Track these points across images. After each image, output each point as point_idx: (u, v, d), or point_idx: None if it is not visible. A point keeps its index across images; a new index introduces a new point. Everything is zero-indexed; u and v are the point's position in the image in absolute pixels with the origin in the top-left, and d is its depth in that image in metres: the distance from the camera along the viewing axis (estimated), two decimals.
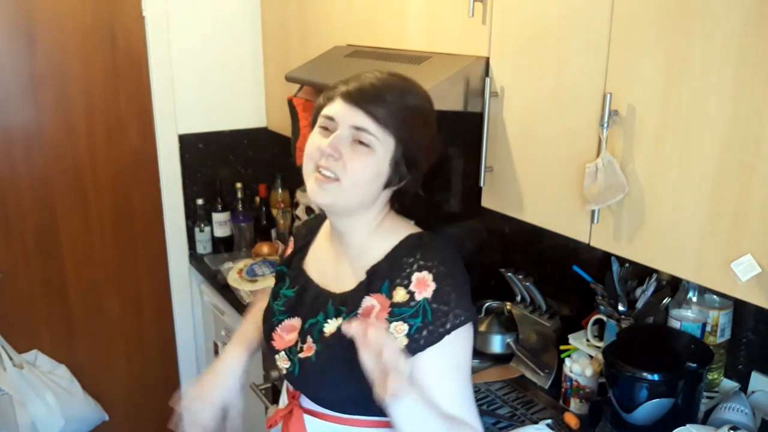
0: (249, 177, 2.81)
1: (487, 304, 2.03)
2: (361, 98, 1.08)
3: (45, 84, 2.40)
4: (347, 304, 1.15)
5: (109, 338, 2.72)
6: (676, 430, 1.33)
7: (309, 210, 2.51)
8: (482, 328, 1.94)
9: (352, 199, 1.11)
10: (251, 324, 1.41)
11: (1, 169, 2.40)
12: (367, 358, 0.95)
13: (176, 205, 2.71)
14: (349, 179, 1.08)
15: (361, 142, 1.08)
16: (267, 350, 1.30)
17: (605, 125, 1.25)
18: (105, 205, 2.60)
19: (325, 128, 1.12)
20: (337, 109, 1.10)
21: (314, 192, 1.11)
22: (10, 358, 2.27)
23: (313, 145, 1.12)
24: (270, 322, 1.28)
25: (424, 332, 1.07)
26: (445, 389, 1.08)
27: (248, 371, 1.35)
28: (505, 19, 1.47)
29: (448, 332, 1.07)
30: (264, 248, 2.59)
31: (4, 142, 2.39)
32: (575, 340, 1.74)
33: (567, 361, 1.68)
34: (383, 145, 1.09)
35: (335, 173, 1.09)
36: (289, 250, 1.36)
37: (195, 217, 2.73)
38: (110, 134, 2.55)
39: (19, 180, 2.43)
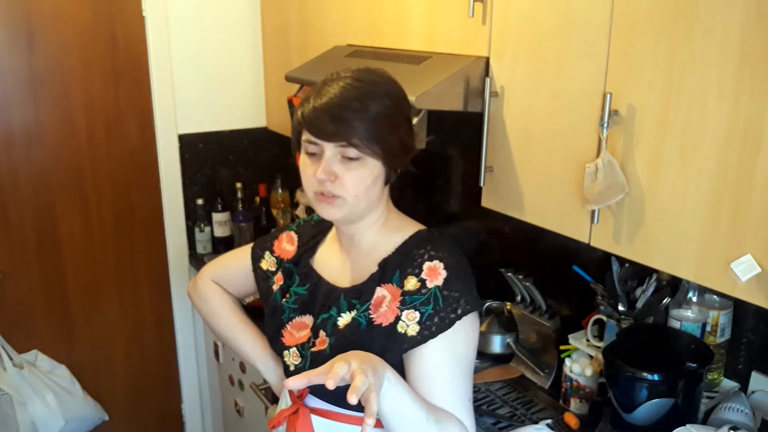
0: (249, 177, 2.81)
1: (487, 304, 2.02)
2: (324, 132, 1.09)
3: (45, 84, 2.40)
4: (360, 295, 1.18)
5: (109, 338, 2.72)
6: (676, 430, 1.33)
7: (309, 210, 2.51)
8: (482, 328, 1.94)
9: (360, 207, 1.15)
10: (250, 325, 1.44)
11: (1, 169, 2.40)
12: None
13: (176, 205, 2.71)
14: (351, 194, 1.12)
15: (349, 157, 1.11)
16: (273, 347, 1.31)
17: (605, 125, 1.25)
18: (105, 205, 2.60)
19: (312, 153, 1.14)
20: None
21: (325, 211, 1.15)
22: (10, 358, 2.27)
23: (308, 174, 1.15)
24: (278, 320, 1.29)
25: (435, 319, 1.10)
26: (441, 383, 1.10)
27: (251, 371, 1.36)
28: (505, 19, 1.47)
29: (459, 318, 1.10)
30: None
31: (4, 142, 2.39)
32: (575, 340, 1.74)
33: (567, 361, 1.68)
34: (370, 150, 1.10)
35: (337, 193, 1.12)
36: (288, 246, 1.37)
37: (195, 217, 2.73)
38: (110, 134, 2.55)
39: (19, 180, 2.43)
